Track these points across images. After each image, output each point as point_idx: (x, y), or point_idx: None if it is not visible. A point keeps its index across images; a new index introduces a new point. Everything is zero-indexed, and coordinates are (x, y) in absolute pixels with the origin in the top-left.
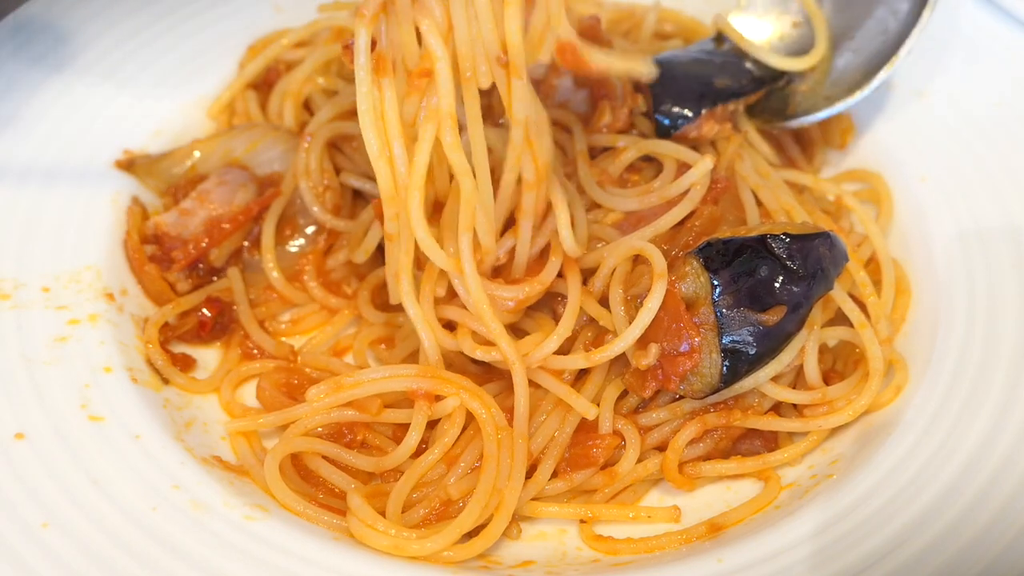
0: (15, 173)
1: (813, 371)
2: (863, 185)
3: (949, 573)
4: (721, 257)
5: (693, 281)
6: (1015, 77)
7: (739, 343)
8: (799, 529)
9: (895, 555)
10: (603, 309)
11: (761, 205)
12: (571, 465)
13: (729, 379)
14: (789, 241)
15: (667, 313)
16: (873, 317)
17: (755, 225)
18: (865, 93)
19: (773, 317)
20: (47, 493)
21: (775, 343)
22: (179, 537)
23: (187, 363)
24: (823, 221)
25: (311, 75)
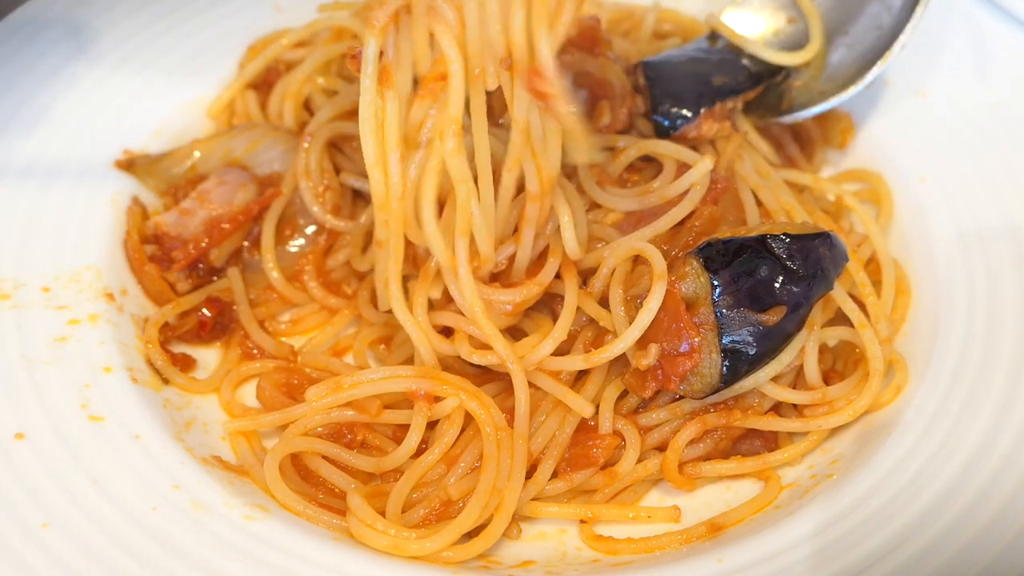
0: (15, 173)
1: (813, 371)
2: (863, 185)
3: (949, 573)
4: (721, 257)
5: (693, 281)
6: (1015, 77)
7: (739, 343)
8: (799, 529)
9: (895, 555)
10: (603, 310)
11: (761, 205)
12: (571, 465)
13: (729, 379)
14: (789, 241)
15: (667, 313)
16: (873, 317)
17: (755, 225)
18: (859, 88)
19: (773, 317)
20: (47, 493)
21: (775, 343)
22: (179, 537)
23: (187, 363)
24: (823, 221)
25: (311, 75)
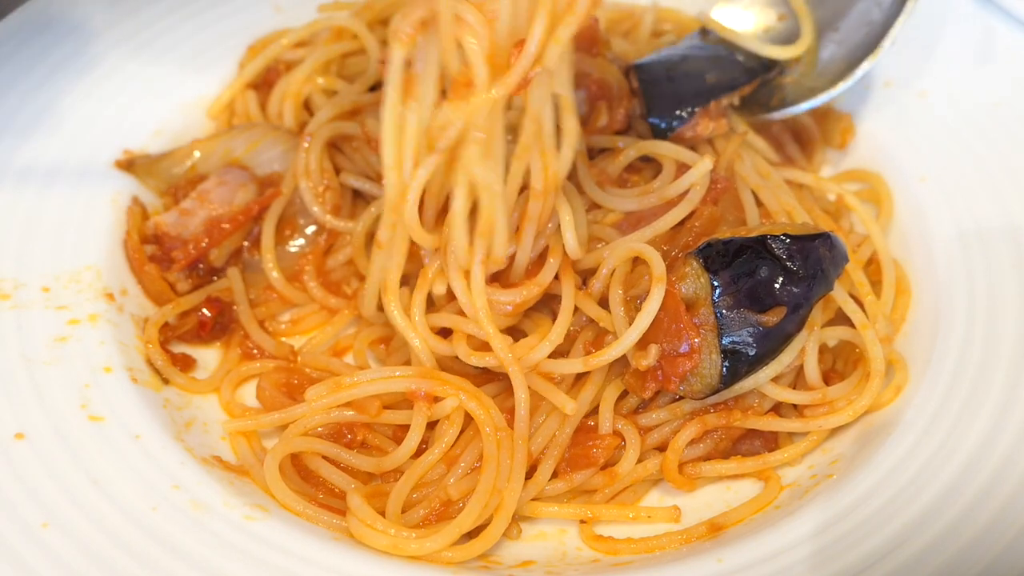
0: (15, 173)
1: (813, 371)
2: (863, 185)
3: (949, 573)
4: (721, 258)
5: (693, 282)
6: (1015, 77)
7: (739, 344)
8: (799, 529)
9: (895, 555)
10: (602, 310)
11: (761, 205)
12: (571, 465)
13: (729, 380)
14: (789, 242)
15: (667, 314)
16: (871, 317)
17: (755, 226)
18: (849, 84)
19: (773, 318)
20: (47, 493)
21: (775, 344)
22: (179, 537)
23: (187, 363)
24: (823, 221)
25: (311, 75)
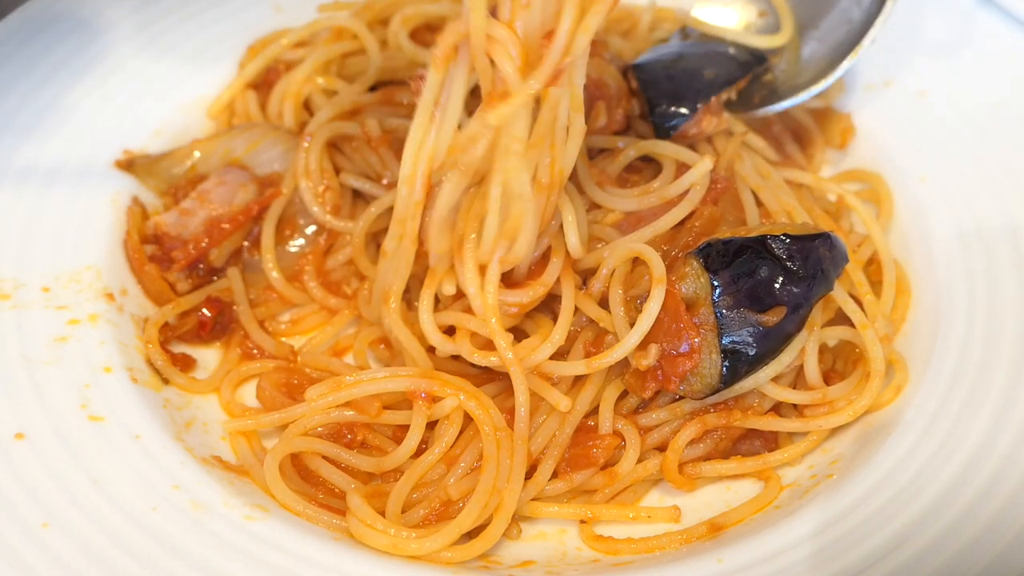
0: (15, 173)
1: (813, 371)
2: (863, 185)
3: (949, 573)
4: (721, 258)
5: (693, 282)
6: (1015, 77)
7: (739, 344)
8: (799, 529)
9: (895, 555)
10: (602, 311)
11: (761, 205)
12: (571, 465)
13: (729, 380)
14: (789, 242)
15: (667, 314)
16: (871, 317)
17: (755, 226)
18: (829, 82)
19: (773, 318)
20: (47, 493)
21: (775, 344)
22: (179, 537)
23: (187, 363)
24: (823, 221)
25: (311, 75)
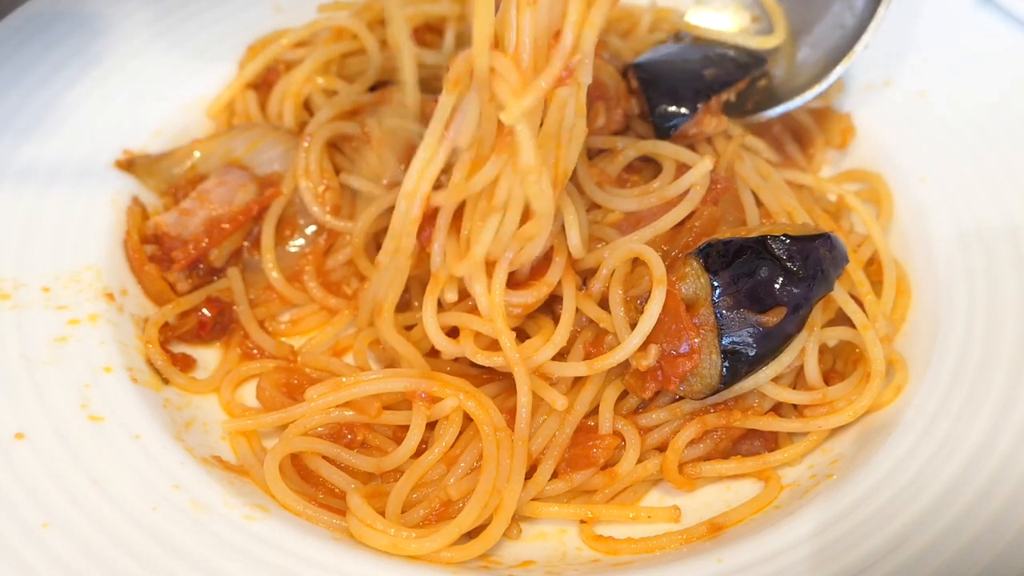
0: (15, 173)
1: (813, 372)
2: (863, 185)
3: (949, 573)
4: (721, 258)
5: (693, 282)
6: (1015, 77)
7: (739, 344)
8: (799, 529)
9: (895, 555)
10: (603, 312)
11: (762, 206)
12: (571, 465)
13: (729, 380)
14: (789, 242)
15: (667, 314)
16: (871, 317)
17: (755, 226)
18: (822, 88)
19: (773, 318)
20: (47, 493)
21: (775, 344)
22: (179, 537)
23: (187, 363)
24: (824, 221)
25: (311, 75)
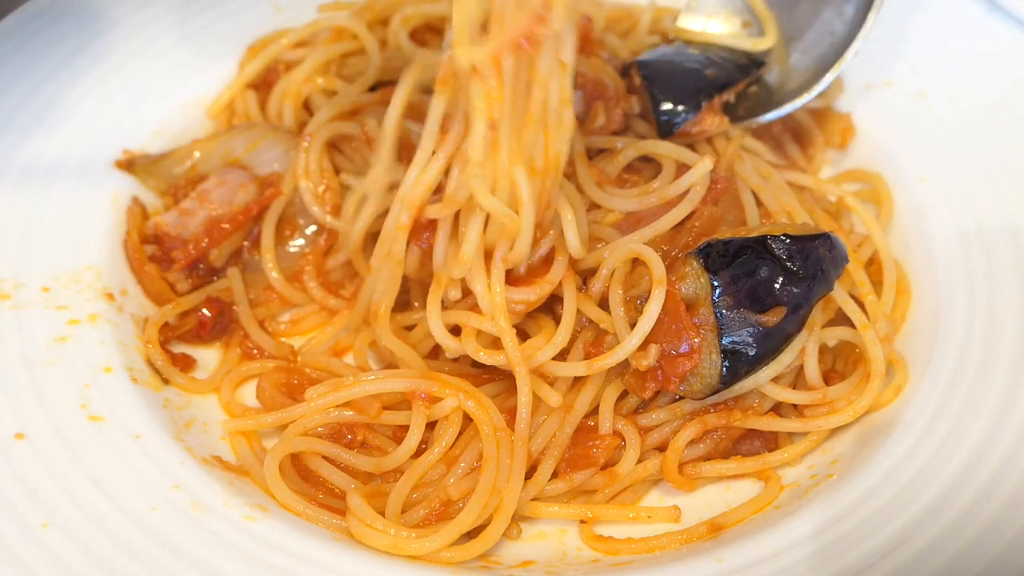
0: (15, 173)
1: (813, 372)
2: (863, 185)
3: (949, 573)
4: (721, 258)
5: (693, 282)
6: (1015, 77)
7: (739, 344)
8: (799, 529)
9: (895, 555)
10: (603, 312)
11: (762, 206)
12: (571, 465)
13: (729, 380)
14: (789, 242)
15: (667, 314)
16: (871, 317)
17: (755, 226)
18: (813, 94)
19: (773, 318)
20: (47, 493)
21: (775, 344)
22: (179, 537)
23: (187, 363)
24: (824, 221)
25: (311, 75)
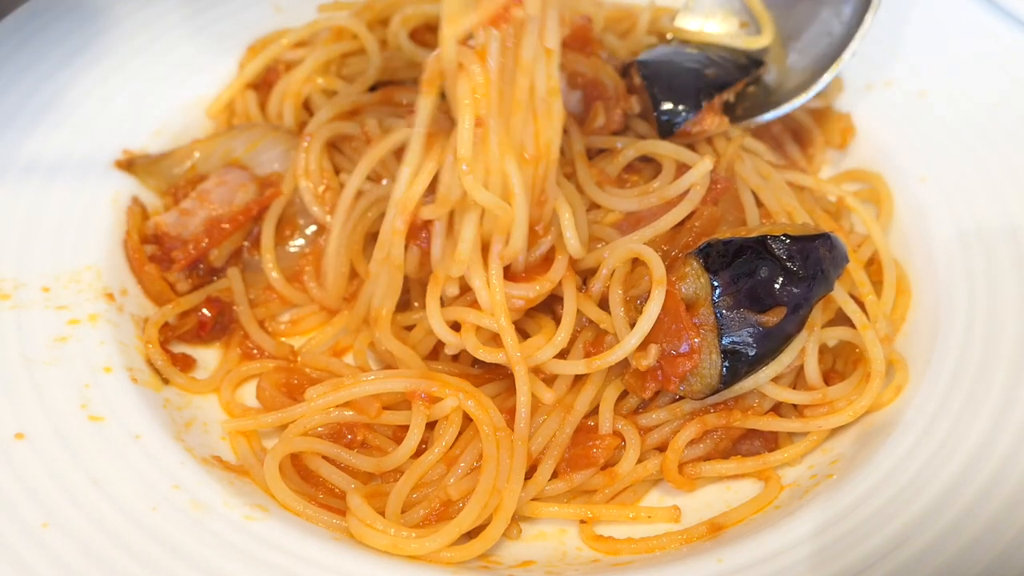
0: (15, 173)
1: (813, 372)
2: (863, 185)
3: (949, 573)
4: (721, 258)
5: (693, 282)
6: (1015, 77)
7: (739, 344)
8: (799, 529)
9: (895, 555)
10: (603, 312)
11: (762, 206)
12: (571, 465)
13: (729, 380)
14: (789, 242)
15: (667, 314)
16: (872, 317)
17: (755, 226)
18: (811, 94)
19: (773, 318)
20: (47, 493)
21: (775, 344)
22: (179, 537)
23: (187, 363)
24: (824, 221)
25: (311, 75)
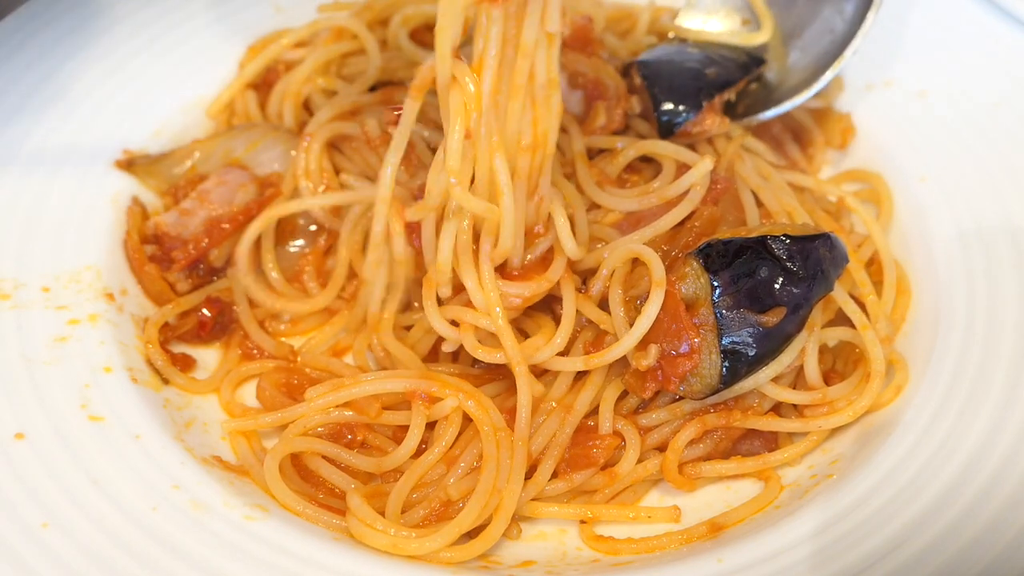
0: (15, 172)
1: (813, 372)
2: (863, 185)
3: (949, 573)
4: (721, 258)
5: (693, 282)
6: (1015, 77)
7: (739, 344)
8: (799, 529)
9: (895, 555)
10: (602, 313)
11: (762, 206)
12: (571, 465)
13: (729, 380)
14: (789, 242)
15: (667, 314)
16: (872, 317)
17: (755, 226)
18: (811, 92)
19: (773, 318)
20: (47, 493)
21: (775, 344)
22: (179, 537)
23: (187, 363)
24: (824, 221)
25: (311, 75)
